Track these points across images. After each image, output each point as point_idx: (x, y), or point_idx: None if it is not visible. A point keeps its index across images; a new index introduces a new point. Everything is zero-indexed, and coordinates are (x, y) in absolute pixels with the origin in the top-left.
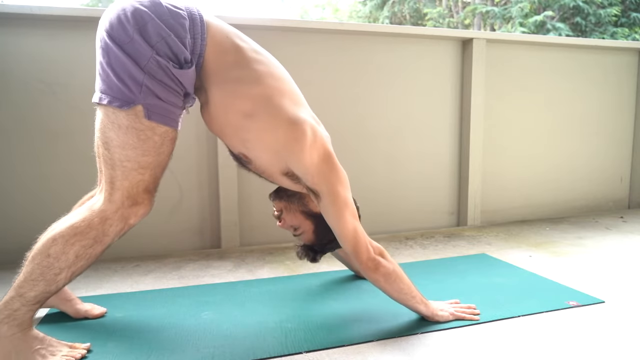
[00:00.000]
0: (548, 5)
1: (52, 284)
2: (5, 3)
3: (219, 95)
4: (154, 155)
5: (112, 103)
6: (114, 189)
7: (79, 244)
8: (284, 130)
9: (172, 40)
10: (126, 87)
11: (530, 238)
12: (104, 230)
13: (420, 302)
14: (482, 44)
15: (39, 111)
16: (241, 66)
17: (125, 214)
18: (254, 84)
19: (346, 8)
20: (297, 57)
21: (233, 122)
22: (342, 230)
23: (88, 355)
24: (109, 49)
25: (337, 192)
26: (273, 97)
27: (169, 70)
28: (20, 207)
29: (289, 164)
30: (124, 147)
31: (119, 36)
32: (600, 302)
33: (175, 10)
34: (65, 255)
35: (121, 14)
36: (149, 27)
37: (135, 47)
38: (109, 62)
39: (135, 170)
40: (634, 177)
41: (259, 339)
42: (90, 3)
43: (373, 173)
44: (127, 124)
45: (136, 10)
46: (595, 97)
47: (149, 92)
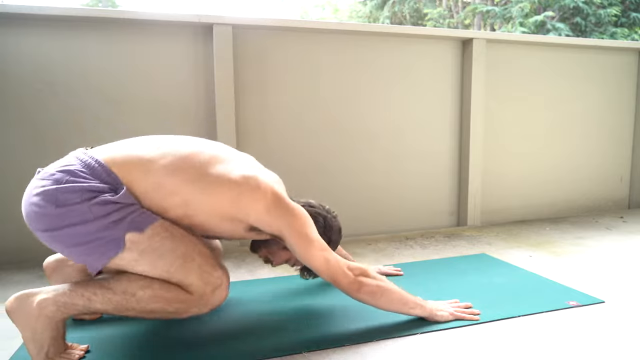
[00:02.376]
0: (548, 5)
1: (118, 312)
2: (5, 3)
3: (153, 205)
4: (180, 243)
5: (110, 256)
6: (187, 286)
7: (161, 305)
8: (223, 196)
9: (87, 186)
10: (102, 239)
11: (530, 238)
12: (187, 309)
13: (415, 307)
14: (482, 44)
15: (38, 111)
16: (152, 172)
17: (210, 300)
18: (170, 178)
19: (346, 8)
20: (297, 57)
21: (182, 218)
22: (314, 265)
23: (87, 356)
24: (57, 237)
25: (297, 231)
26: (194, 176)
27: (111, 201)
28: (20, 207)
29: (246, 221)
30: (156, 265)
31: (50, 224)
32: (600, 302)
33: (69, 169)
34: (145, 304)
35: (33, 208)
36: (60, 196)
37: (71, 216)
38: (70, 243)
39: (186, 264)
40: (634, 177)
41: (259, 339)
42: (90, 3)
43: (373, 173)
44: (137, 253)
45: (39, 194)
46: (595, 97)
47: (118, 222)
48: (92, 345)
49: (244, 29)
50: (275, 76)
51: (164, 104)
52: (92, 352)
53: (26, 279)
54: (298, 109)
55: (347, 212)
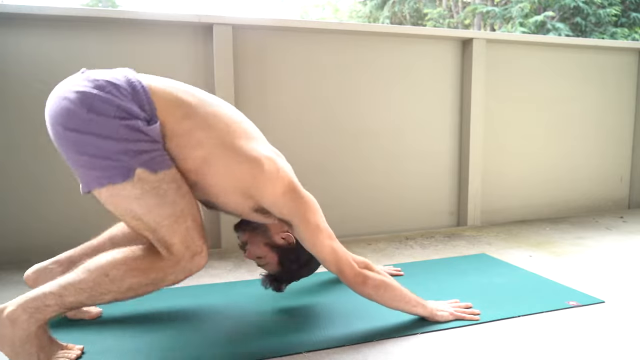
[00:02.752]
0: (548, 6)
1: (93, 299)
2: (5, 3)
3: (175, 148)
4: (181, 200)
5: (114, 181)
6: (169, 246)
7: (137, 279)
8: (243, 170)
9: (125, 106)
10: (115, 161)
11: (530, 238)
12: (163, 277)
13: (417, 305)
14: (482, 44)
15: (39, 111)
16: (189, 117)
17: (187, 266)
18: (204, 133)
19: (346, 8)
20: (297, 57)
21: (192, 171)
22: (321, 254)
23: (85, 356)
24: (75, 139)
25: (308, 219)
26: (226, 141)
27: (140, 129)
28: (20, 207)
29: (257, 200)
30: (152, 211)
31: (76, 124)
32: (600, 302)
33: (113, 82)
34: (121, 282)
35: (66, 103)
36: (97, 103)
37: (99, 125)
38: (83, 150)
39: (176, 223)
40: (634, 177)
41: (259, 339)
42: (90, 3)
43: (373, 173)
44: (140, 190)
45: (78, 93)
46: (595, 97)
47: (137, 152)
48: (93, 344)
49: (244, 29)
50: (275, 76)
51: None
52: (94, 351)
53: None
54: (298, 108)
55: (347, 212)
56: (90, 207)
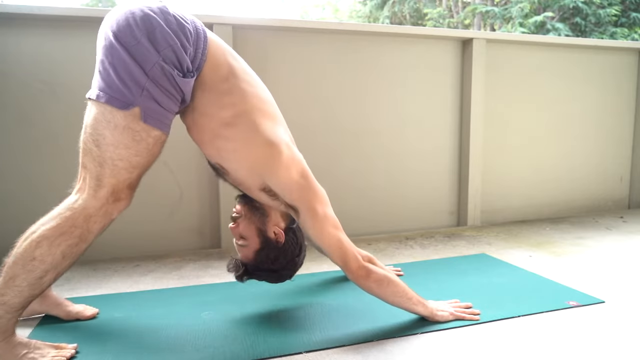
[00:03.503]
0: (548, 6)
1: (36, 287)
2: (5, 3)
3: (205, 102)
4: (145, 157)
5: (110, 102)
6: (100, 186)
7: (65, 243)
8: (261, 148)
9: (178, 49)
10: (127, 88)
11: (530, 238)
12: (88, 228)
13: (418, 303)
14: (482, 44)
15: (39, 111)
16: (230, 82)
17: (109, 209)
18: (239, 98)
19: (346, 8)
20: (297, 57)
21: (212, 129)
22: (327, 243)
23: (85, 356)
24: (114, 49)
25: (316, 208)
26: (254, 114)
27: (173, 78)
28: (20, 207)
29: (267, 180)
30: (117, 146)
31: (126, 38)
32: (600, 302)
33: (183, 21)
34: (52, 257)
35: (130, 17)
36: (157, 33)
37: (142, 51)
38: (112, 62)
39: (125, 169)
40: (634, 177)
41: (259, 339)
42: (90, 3)
43: (373, 173)
44: (123, 124)
45: (146, 15)
46: (595, 97)
47: (149, 96)
48: (93, 345)
49: (244, 29)
50: (275, 76)
51: None
52: (94, 351)
53: None
54: (298, 108)
55: (347, 212)
56: None
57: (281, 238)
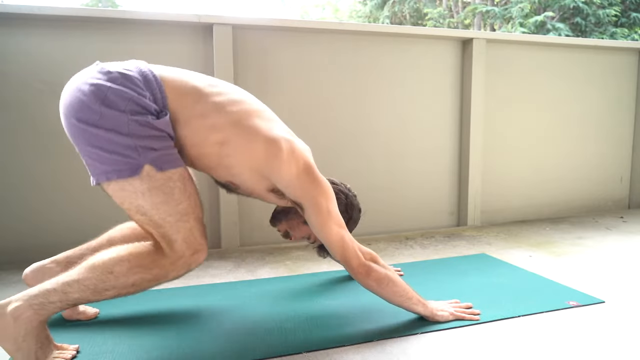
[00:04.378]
0: (548, 6)
1: (97, 296)
2: (5, 3)
3: (190, 134)
4: (187, 200)
5: (121, 176)
6: (172, 242)
7: (140, 275)
8: (260, 149)
9: (137, 98)
10: (124, 156)
11: (530, 238)
12: (165, 273)
13: (418, 303)
14: (482, 44)
15: (39, 111)
16: (202, 104)
17: (188, 261)
18: (218, 115)
19: (346, 8)
20: (297, 57)
21: (212, 154)
22: (328, 239)
23: (81, 356)
24: (86, 132)
25: (320, 203)
26: (242, 120)
27: (150, 124)
28: (20, 207)
29: (272, 180)
30: (157, 207)
31: (88, 117)
32: (600, 302)
33: (126, 73)
34: (125, 279)
35: (79, 96)
36: (110, 95)
37: (109, 120)
38: (93, 143)
39: (180, 221)
40: (634, 177)
41: (259, 339)
42: (90, 3)
43: (373, 173)
44: (147, 186)
45: (91, 85)
46: (595, 97)
47: (146, 149)
48: (84, 345)
49: (244, 29)
50: (275, 76)
51: None
52: (94, 351)
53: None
54: (298, 108)
55: None
56: (90, 208)
57: None
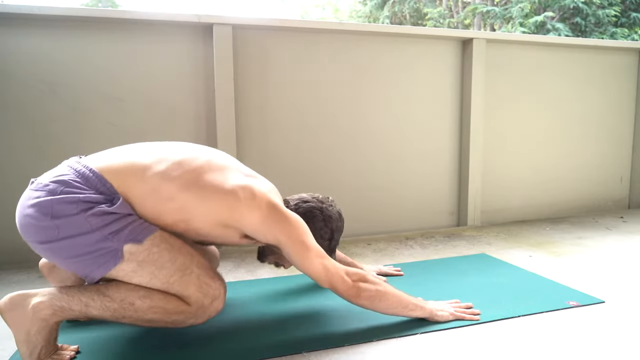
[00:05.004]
0: (548, 6)
1: (114, 319)
2: (5, 3)
3: (149, 211)
4: (179, 255)
5: (108, 268)
6: (187, 297)
7: (159, 316)
8: (217, 205)
9: (84, 197)
10: (100, 250)
11: (530, 238)
12: (184, 320)
13: (415, 308)
14: (482, 44)
15: (39, 111)
16: (146, 178)
17: (207, 311)
18: (166, 183)
19: (346, 8)
20: (297, 57)
21: (177, 223)
22: (312, 272)
23: (85, 356)
24: (54, 249)
25: (293, 240)
26: (192, 180)
27: (108, 212)
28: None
29: (241, 229)
30: (156, 275)
31: (48, 236)
32: (600, 302)
33: (62, 180)
34: (143, 314)
35: (29, 220)
36: (56, 206)
37: (68, 227)
38: (67, 255)
39: (184, 276)
40: (634, 177)
41: (259, 339)
42: (90, 3)
43: (373, 173)
44: (135, 264)
45: (34, 206)
46: (595, 97)
47: (115, 233)
48: (84, 345)
49: (244, 29)
50: (275, 76)
51: (164, 103)
52: (83, 353)
53: (26, 279)
54: (298, 109)
55: (347, 212)
56: None
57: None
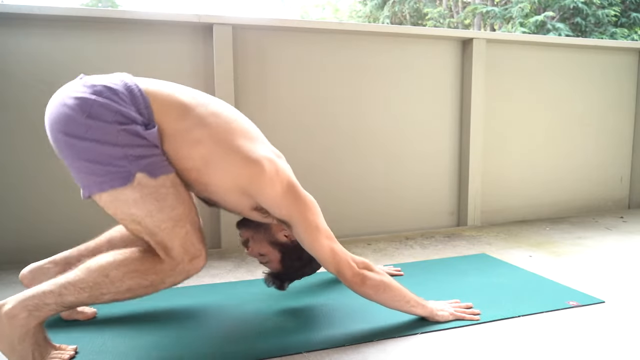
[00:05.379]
0: (548, 6)
1: (93, 299)
2: (5, 3)
3: (174, 149)
4: (181, 205)
5: (114, 186)
6: (169, 249)
7: (136, 280)
8: (242, 171)
9: (123, 111)
10: (115, 166)
11: (530, 238)
12: (162, 279)
13: (416, 305)
14: (482, 44)
15: (39, 111)
16: (188, 119)
17: (186, 268)
18: (201, 128)
19: (346, 8)
20: (297, 57)
21: (192, 170)
22: (320, 254)
23: (80, 356)
24: (75, 146)
25: (307, 219)
26: (225, 137)
27: (139, 133)
28: (20, 207)
29: (256, 199)
30: (152, 215)
31: (75, 131)
32: (600, 302)
33: (111, 87)
34: (120, 283)
35: (65, 109)
36: (97, 108)
37: (97, 131)
38: (82, 156)
39: (176, 227)
40: (634, 177)
41: (259, 339)
42: (90, 3)
43: (373, 173)
44: (140, 194)
45: (77, 99)
46: (595, 97)
47: (137, 157)
48: (92, 344)
49: (243, 29)
50: (275, 76)
51: None
52: (93, 351)
53: None
54: (298, 109)
55: (347, 212)
56: (89, 208)
57: (293, 237)
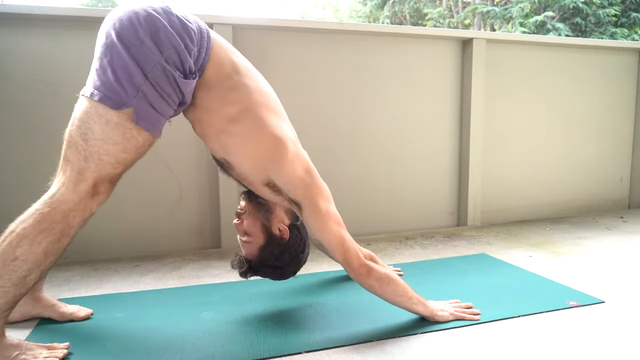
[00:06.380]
0: (548, 6)
1: (22, 286)
2: (5, 3)
3: (209, 99)
4: (132, 154)
5: (103, 101)
6: (81, 180)
7: (46, 240)
8: (267, 143)
9: (182, 50)
10: (122, 88)
11: (530, 238)
12: (69, 223)
13: (418, 303)
14: (482, 44)
15: (39, 111)
16: (233, 79)
17: (88, 204)
18: (243, 94)
19: (346, 8)
20: (297, 57)
21: (217, 124)
22: (329, 239)
23: (85, 357)
24: (115, 48)
25: (319, 203)
26: (259, 110)
27: (174, 79)
28: (20, 207)
29: (271, 175)
30: (106, 142)
31: (129, 38)
32: (600, 302)
33: (186, 22)
34: (34, 255)
35: (133, 17)
36: (161, 34)
37: (144, 52)
38: (111, 60)
39: (111, 164)
40: (634, 177)
41: (259, 339)
42: (90, 3)
43: (373, 173)
44: (116, 121)
45: (150, 15)
46: (595, 97)
47: (144, 98)
48: (92, 345)
49: (243, 29)
50: (275, 76)
51: None
52: (78, 353)
53: None
54: (297, 108)
55: (347, 212)
56: None
57: (286, 234)
